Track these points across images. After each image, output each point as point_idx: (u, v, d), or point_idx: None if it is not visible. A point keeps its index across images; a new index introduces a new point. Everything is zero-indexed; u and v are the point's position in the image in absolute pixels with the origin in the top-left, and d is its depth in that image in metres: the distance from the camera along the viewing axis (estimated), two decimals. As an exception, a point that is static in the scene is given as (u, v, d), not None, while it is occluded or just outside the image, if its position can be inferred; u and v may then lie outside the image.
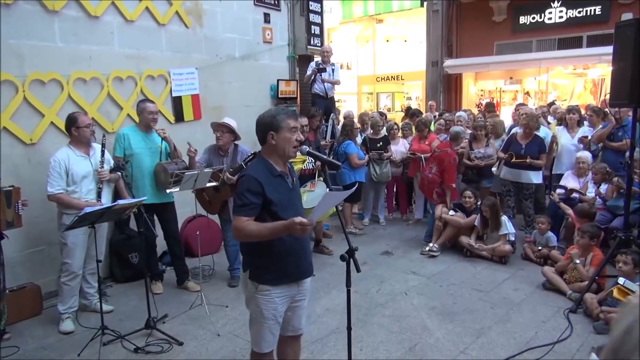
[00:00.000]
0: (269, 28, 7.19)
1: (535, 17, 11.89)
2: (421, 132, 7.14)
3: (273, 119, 2.51)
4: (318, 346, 3.76)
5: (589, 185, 5.91)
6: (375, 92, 17.52)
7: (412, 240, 6.54)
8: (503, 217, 5.67)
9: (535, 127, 6.24)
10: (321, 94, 7.46)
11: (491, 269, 5.44)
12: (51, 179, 3.99)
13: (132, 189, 4.33)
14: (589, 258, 4.70)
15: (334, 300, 4.61)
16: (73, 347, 3.80)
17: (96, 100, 5.10)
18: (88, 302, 4.44)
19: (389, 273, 5.33)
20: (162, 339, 3.87)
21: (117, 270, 5.21)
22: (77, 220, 3.40)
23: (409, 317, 4.26)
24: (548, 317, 4.22)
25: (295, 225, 2.29)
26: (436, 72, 13.14)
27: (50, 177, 3.99)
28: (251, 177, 2.46)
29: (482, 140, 6.69)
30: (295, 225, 2.29)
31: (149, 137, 4.73)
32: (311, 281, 2.80)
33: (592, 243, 4.72)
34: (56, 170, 3.99)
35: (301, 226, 2.29)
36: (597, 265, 4.55)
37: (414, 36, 15.32)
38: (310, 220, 2.32)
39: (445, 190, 6.23)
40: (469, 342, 3.80)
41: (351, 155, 6.56)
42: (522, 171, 6.11)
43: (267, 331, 2.60)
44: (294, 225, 2.29)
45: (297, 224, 2.28)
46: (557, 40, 11.65)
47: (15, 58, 4.46)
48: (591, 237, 4.70)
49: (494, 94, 14.09)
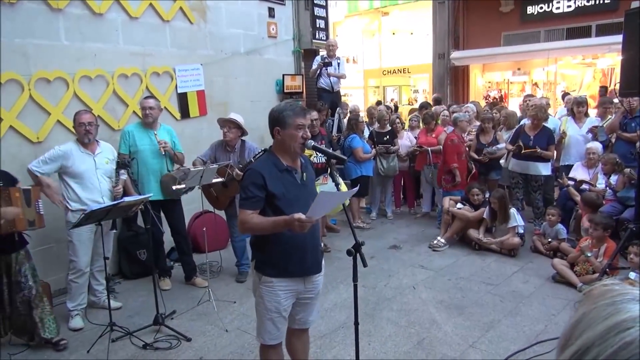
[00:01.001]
0: (273, 22, 7.16)
1: (543, 7, 11.73)
2: (428, 125, 7.08)
3: (280, 114, 2.53)
4: (326, 341, 3.76)
5: (599, 176, 5.83)
6: (381, 86, 17.41)
7: (420, 234, 6.51)
8: (512, 210, 5.62)
9: (543, 118, 6.17)
10: (327, 88, 7.42)
11: (500, 262, 5.40)
12: (41, 160, 4.01)
13: (138, 186, 4.34)
14: (602, 249, 4.64)
15: (341, 294, 4.59)
16: (82, 343, 3.83)
17: (102, 98, 5.11)
18: (97, 299, 4.46)
19: (397, 267, 5.31)
20: (170, 335, 3.88)
21: (126, 267, 5.24)
22: (83, 218, 3.41)
23: (417, 311, 4.24)
24: (558, 310, 4.18)
25: (293, 221, 2.28)
26: (443, 64, 13.02)
27: (41, 158, 4.02)
28: (255, 170, 2.51)
29: (490, 133, 6.62)
30: (294, 221, 2.28)
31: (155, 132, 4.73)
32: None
33: (606, 234, 4.67)
34: (52, 155, 4.01)
35: (299, 222, 2.27)
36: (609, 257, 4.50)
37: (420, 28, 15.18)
38: (309, 217, 2.29)
39: (454, 172, 6.15)
40: (478, 336, 3.78)
41: (356, 149, 6.52)
42: (530, 163, 6.04)
43: (270, 323, 2.62)
44: (293, 221, 2.28)
45: (295, 219, 2.27)
46: (565, 30, 11.49)
47: (21, 57, 4.48)
48: (605, 228, 4.64)
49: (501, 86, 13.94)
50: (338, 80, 7.56)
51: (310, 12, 7.71)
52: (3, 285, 3.62)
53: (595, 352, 0.53)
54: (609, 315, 0.55)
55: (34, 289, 3.70)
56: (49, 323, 3.75)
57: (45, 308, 3.77)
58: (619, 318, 0.54)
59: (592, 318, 0.56)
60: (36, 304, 3.69)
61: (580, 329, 0.57)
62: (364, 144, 6.68)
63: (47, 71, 4.64)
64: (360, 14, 17.18)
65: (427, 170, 6.88)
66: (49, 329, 3.73)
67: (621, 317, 0.54)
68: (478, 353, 3.55)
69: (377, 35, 17.33)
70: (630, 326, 0.53)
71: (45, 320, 3.73)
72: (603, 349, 0.53)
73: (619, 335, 0.52)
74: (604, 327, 0.54)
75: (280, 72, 7.26)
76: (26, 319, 3.70)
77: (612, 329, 0.53)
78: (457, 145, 6.22)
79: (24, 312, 3.68)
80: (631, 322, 0.53)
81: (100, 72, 5.07)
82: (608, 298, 0.57)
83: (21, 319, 3.70)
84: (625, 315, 0.54)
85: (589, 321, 0.56)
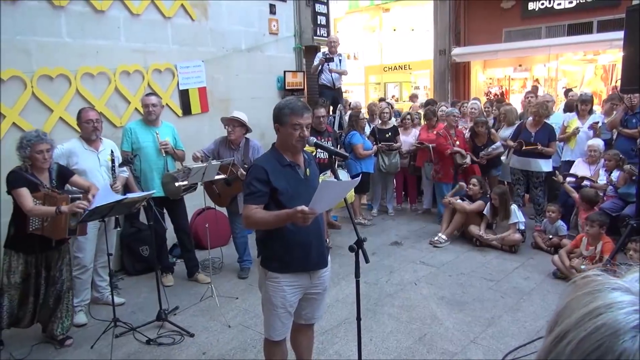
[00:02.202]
0: (274, 19, 7.16)
1: (544, 3, 11.70)
2: (429, 121, 7.09)
3: (279, 111, 2.55)
4: (328, 336, 3.78)
5: (601, 172, 5.84)
6: (382, 82, 17.41)
7: (421, 231, 6.53)
8: (513, 206, 5.64)
9: (545, 114, 6.16)
10: (328, 85, 7.42)
11: (501, 258, 5.42)
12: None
13: (140, 182, 4.35)
14: (599, 246, 4.66)
15: (343, 290, 4.62)
16: (86, 339, 3.86)
17: (104, 95, 5.12)
18: (100, 295, 4.49)
19: (398, 263, 5.34)
20: (173, 331, 3.91)
21: (128, 263, 5.27)
22: (87, 214, 3.43)
23: (418, 307, 4.26)
24: (559, 305, 4.20)
25: (296, 213, 2.29)
26: (444, 60, 13.00)
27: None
28: (258, 166, 2.55)
29: (484, 135, 6.62)
30: (297, 213, 2.29)
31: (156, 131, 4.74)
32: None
33: (602, 231, 4.69)
34: (56, 154, 3.97)
35: (302, 214, 2.28)
36: (608, 253, 4.51)
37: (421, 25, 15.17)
38: (311, 209, 2.30)
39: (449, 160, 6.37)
40: (479, 332, 3.80)
41: (356, 145, 6.53)
42: (531, 159, 6.05)
43: (276, 319, 2.64)
44: (296, 213, 2.29)
45: (298, 211, 2.28)
46: (567, 26, 11.46)
47: (23, 54, 4.49)
48: (600, 225, 4.66)
49: (502, 82, 13.92)
50: (339, 77, 7.55)
51: (312, 9, 7.70)
52: (42, 279, 3.66)
53: (570, 337, 0.56)
54: (587, 303, 0.58)
55: (65, 283, 3.76)
56: (67, 321, 3.80)
57: (70, 304, 3.83)
58: (594, 305, 0.57)
59: (572, 306, 0.59)
60: (64, 298, 3.75)
61: (562, 317, 0.60)
62: (365, 141, 6.69)
63: (50, 68, 4.66)
64: (361, 11, 17.16)
65: (429, 167, 6.89)
66: (62, 326, 3.77)
67: (596, 304, 0.57)
68: (479, 349, 3.57)
69: (377, 32, 17.31)
70: (602, 312, 0.55)
71: (64, 317, 3.78)
72: (577, 334, 0.56)
73: (592, 321, 0.55)
74: (580, 314, 0.57)
75: (282, 68, 7.26)
76: (51, 313, 3.75)
77: (587, 315, 0.56)
78: (440, 138, 6.53)
79: (53, 305, 3.74)
80: (604, 309, 0.56)
81: (102, 69, 5.08)
82: (589, 287, 0.60)
83: (47, 312, 3.75)
84: (600, 302, 0.57)
85: (569, 310, 0.59)
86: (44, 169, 3.62)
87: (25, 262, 3.58)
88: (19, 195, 3.42)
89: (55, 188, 3.64)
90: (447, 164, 6.57)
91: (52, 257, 3.69)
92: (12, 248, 3.57)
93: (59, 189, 3.68)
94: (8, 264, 3.55)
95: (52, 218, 3.45)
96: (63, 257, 3.77)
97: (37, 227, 3.50)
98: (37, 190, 3.51)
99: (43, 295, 3.69)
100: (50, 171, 3.67)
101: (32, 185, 3.50)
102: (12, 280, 3.55)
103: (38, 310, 3.72)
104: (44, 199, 3.49)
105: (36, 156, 3.48)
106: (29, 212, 3.42)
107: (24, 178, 3.49)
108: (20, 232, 3.52)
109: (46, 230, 3.51)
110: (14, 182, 3.47)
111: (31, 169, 3.55)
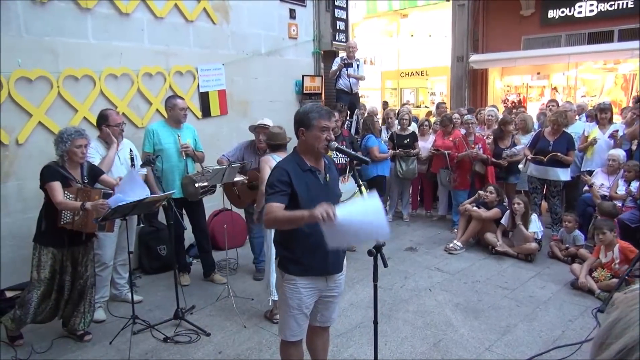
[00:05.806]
0: (294, 24, 7.22)
1: (564, 11, 11.61)
2: (445, 128, 7.08)
3: (305, 115, 2.58)
4: (343, 340, 3.80)
5: (620, 183, 5.78)
6: (399, 88, 17.40)
7: (436, 237, 6.52)
8: (533, 215, 5.61)
9: (564, 123, 6.12)
10: (346, 90, 7.45)
11: (517, 266, 5.39)
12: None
13: (161, 183, 4.42)
14: (616, 251, 4.61)
15: (358, 294, 4.64)
16: (105, 335, 3.94)
17: (127, 96, 5.22)
18: (118, 292, 4.57)
19: (413, 269, 5.33)
20: (190, 330, 3.97)
21: (146, 262, 5.34)
22: (109, 212, 3.50)
23: (433, 313, 4.26)
24: (575, 316, 4.17)
25: (321, 209, 2.21)
26: (461, 67, 12.95)
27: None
28: (280, 168, 2.59)
29: (508, 137, 6.61)
30: (321, 209, 2.21)
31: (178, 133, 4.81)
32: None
33: (614, 235, 4.65)
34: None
35: (326, 210, 2.19)
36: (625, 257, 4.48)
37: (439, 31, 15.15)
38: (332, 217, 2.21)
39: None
40: (494, 340, 3.79)
41: (371, 148, 6.54)
42: (549, 168, 6.00)
43: (292, 320, 2.68)
44: (319, 209, 2.21)
45: (324, 207, 2.21)
46: (587, 35, 11.36)
47: (50, 54, 4.60)
48: (610, 229, 4.63)
49: (520, 90, 13.83)
50: (357, 82, 7.58)
51: (331, 14, 7.75)
52: (67, 275, 3.75)
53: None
54: None
55: (89, 279, 3.85)
56: (89, 316, 3.87)
57: (92, 299, 3.90)
58: None
59: (633, 319, 0.60)
60: (87, 293, 3.83)
61: (620, 328, 0.60)
62: (380, 144, 6.69)
63: (75, 69, 4.77)
64: (379, 16, 17.19)
65: (444, 173, 6.88)
66: (84, 321, 3.84)
67: None
68: (494, 357, 3.56)
69: (395, 37, 17.32)
70: None
71: (87, 312, 3.85)
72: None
73: None
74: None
75: (300, 73, 7.32)
76: (74, 308, 3.82)
77: None
78: (457, 146, 6.57)
79: (76, 300, 3.81)
80: None
81: (125, 70, 5.18)
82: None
83: (72, 307, 3.83)
84: None
85: (629, 321, 0.60)
86: (78, 165, 3.72)
87: (54, 257, 3.65)
88: (51, 189, 3.51)
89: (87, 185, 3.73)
90: (465, 172, 6.55)
91: (78, 252, 3.77)
92: (42, 243, 3.66)
93: (90, 185, 3.77)
94: (38, 258, 3.64)
95: (83, 212, 3.53)
96: (89, 253, 3.85)
97: (68, 220, 3.58)
98: (69, 186, 3.60)
99: (68, 291, 3.76)
100: (82, 168, 3.76)
101: (65, 180, 3.60)
102: (42, 275, 3.63)
103: (62, 307, 3.79)
104: (76, 193, 3.58)
105: (75, 150, 3.60)
106: (58, 205, 3.51)
107: (58, 172, 3.59)
108: (50, 227, 3.61)
109: (77, 224, 3.59)
110: (48, 176, 3.56)
111: (66, 164, 3.64)
